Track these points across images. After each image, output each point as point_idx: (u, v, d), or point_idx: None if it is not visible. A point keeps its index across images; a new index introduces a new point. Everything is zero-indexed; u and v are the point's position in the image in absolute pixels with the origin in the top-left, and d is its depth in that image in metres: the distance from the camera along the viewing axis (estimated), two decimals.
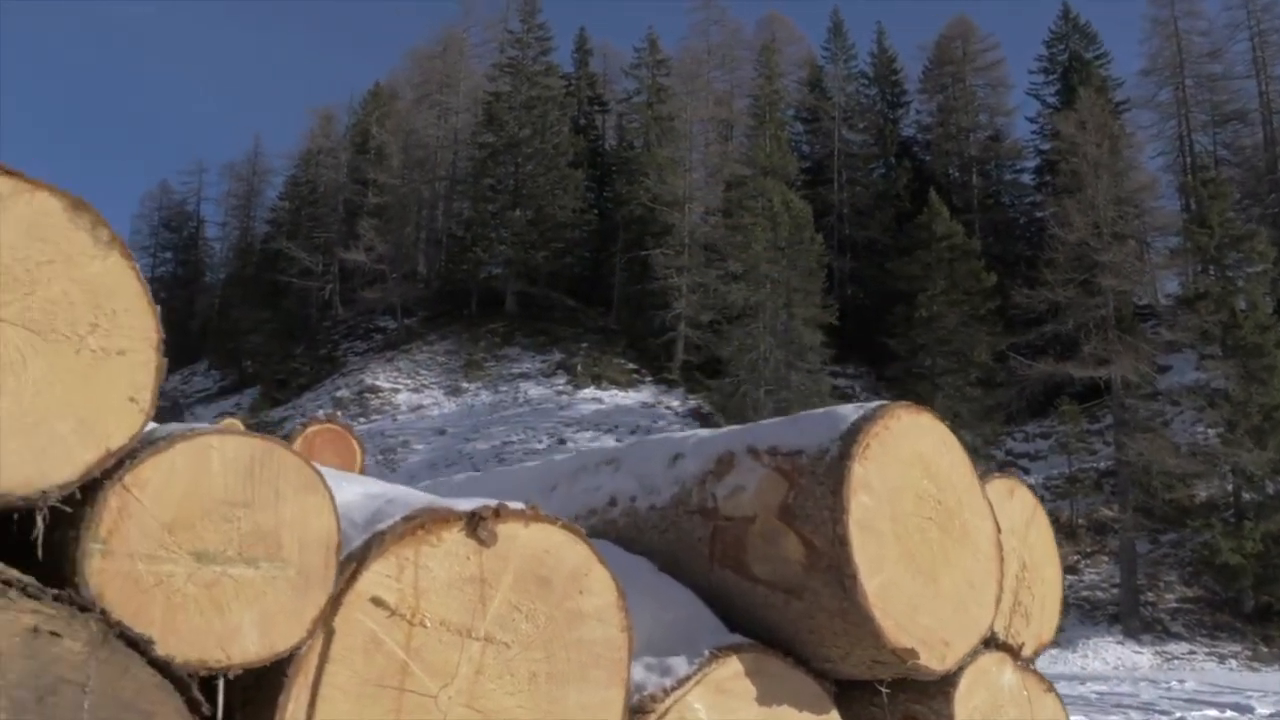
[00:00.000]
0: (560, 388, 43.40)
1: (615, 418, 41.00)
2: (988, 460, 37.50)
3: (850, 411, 1.97)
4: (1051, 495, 35.69)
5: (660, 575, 2.04)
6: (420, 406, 43.70)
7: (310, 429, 9.87)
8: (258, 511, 1.37)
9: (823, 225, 44.89)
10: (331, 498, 1.44)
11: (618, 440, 39.19)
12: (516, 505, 1.60)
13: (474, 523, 1.54)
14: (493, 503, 1.58)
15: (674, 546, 2.12)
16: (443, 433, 41.34)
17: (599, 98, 61.84)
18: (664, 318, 43.51)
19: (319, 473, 1.46)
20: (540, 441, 39.41)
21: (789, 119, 55.81)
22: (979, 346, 37.74)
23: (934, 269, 39.29)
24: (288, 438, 10.09)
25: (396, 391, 44.89)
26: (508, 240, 48.38)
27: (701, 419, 40.88)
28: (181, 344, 62.12)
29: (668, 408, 41.93)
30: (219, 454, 1.37)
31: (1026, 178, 54.28)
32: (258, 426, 35.83)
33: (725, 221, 43.78)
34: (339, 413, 43.65)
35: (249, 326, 53.99)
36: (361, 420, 43.03)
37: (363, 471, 10.19)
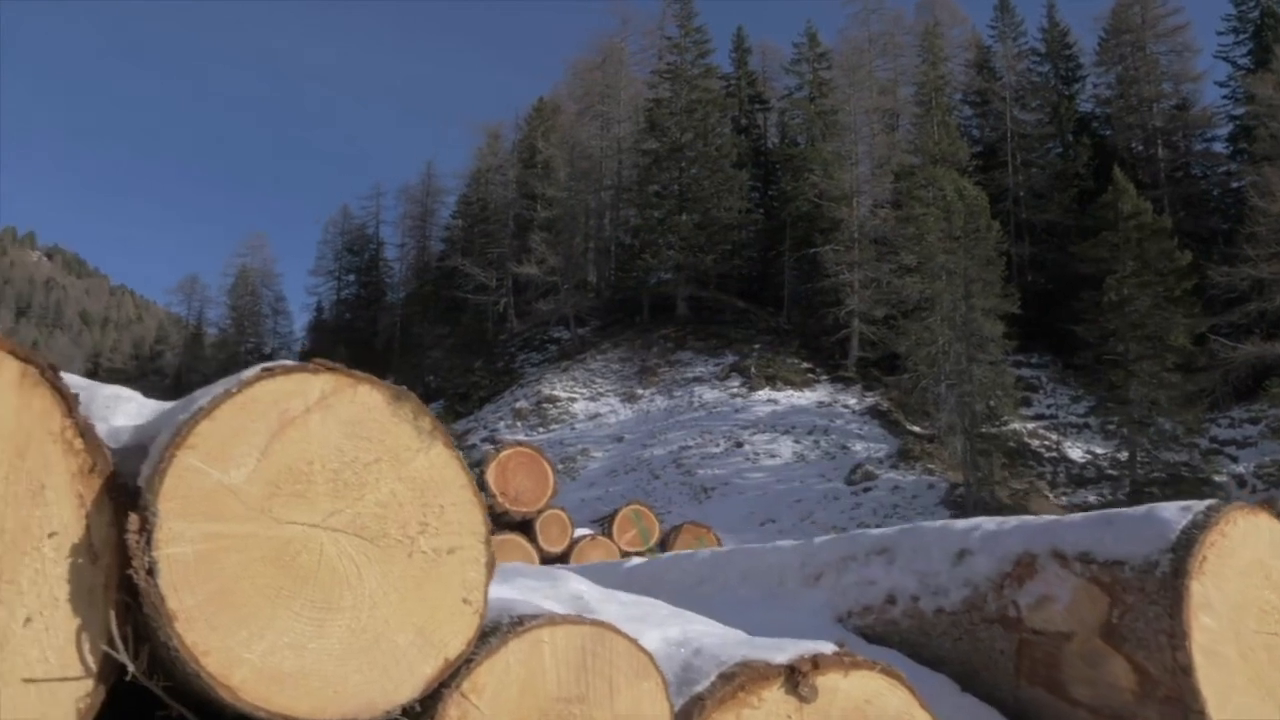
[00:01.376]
0: (735, 390, 43.20)
1: (791, 418, 40.55)
2: (1191, 449, 35.37)
3: (1175, 515, 1.77)
4: (1264, 484, 33.46)
5: (964, 697, 1.89)
6: (597, 414, 44.20)
7: (503, 453, 10.04)
8: (593, 707, 1.28)
9: (998, 211, 43.27)
10: (664, 681, 1.35)
11: (796, 441, 38.73)
12: (831, 650, 1.49)
13: (793, 678, 1.43)
14: (809, 651, 1.46)
15: (969, 657, 1.96)
16: (620, 440, 41.71)
17: (759, 96, 61.41)
18: (837, 315, 42.83)
19: (649, 655, 1.36)
20: (717, 445, 39.34)
21: (956, 103, 54.17)
22: (1176, 329, 35.60)
23: (1122, 250, 37.32)
24: (481, 462, 10.28)
25: (573, 400, 45.55)
26: (676, 245, 48.49)
27: (879, 416, 40.06)
28: (367, 362, 64.67)
29: (845, 406, 41.22)
30: (550, 647, 1.29)
31: (1219, 146, 50.98)
32: None
33: (896, 214, 42.78)
34: (519, 423, 44.78)
35: (430, 342, 55.94)
36: (540, 430, 43.90)
37: (555, 493, 10.29)
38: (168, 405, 1.44)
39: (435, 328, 56.15)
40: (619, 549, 10.21)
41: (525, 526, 9.76)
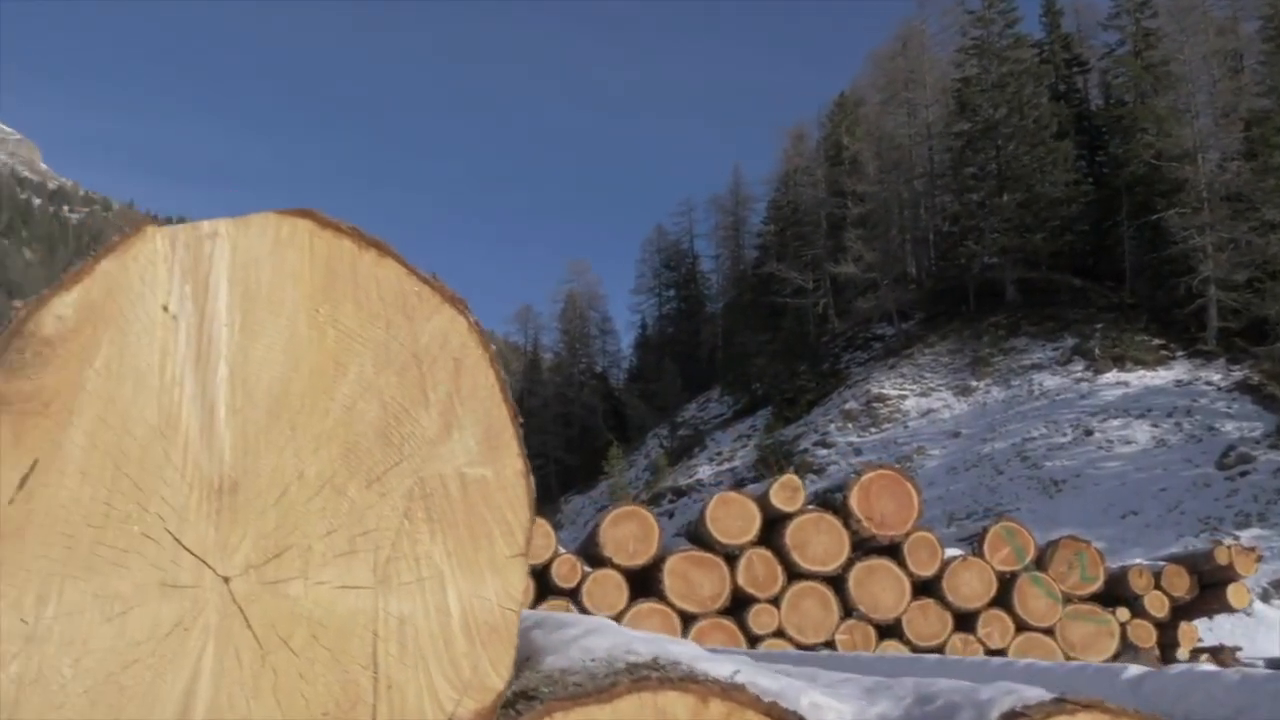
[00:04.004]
0: (1078, 375, 40.75)
1: (1146, 400, 37.70)
2: None
3: None
4: None
5: None
6: (930, 410, 43.07)
7: (865, 476, 9.96)
8: None
9: None
10: None
11: (1153, 425, 35.95)
12: None
13: None
14: None
15: None
16: (957, 435, 40.44)
17: (1077, 59, 57.58)
18: (1189, 284, 39.35)
19: None
20: (1064, 434, 37.27)
21: None
22: None
23: None
24: (843, 487, 10.25)
25: (904, 398, 44.62)
26: (999, 228, 46.43)
27: (1251, 391, 36.42)
28: (693, 374, 66.60)
29: (1208, 383, 37.79)
30: None
31: None
32: (772, 446, 37.29)
33: (1250, 165, 38.87)
34: (849, 425, 44.37)
35: (753, 350, 56.57)
36: (872, 430, 43.31)
37: (920, 514, 10.09)
38: None
39: (757, 335, 56.74)
40: (992, 570, 9.88)
41: (893, 550, 9.66)
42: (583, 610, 8.57)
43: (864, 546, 9.52)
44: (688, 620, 8.99)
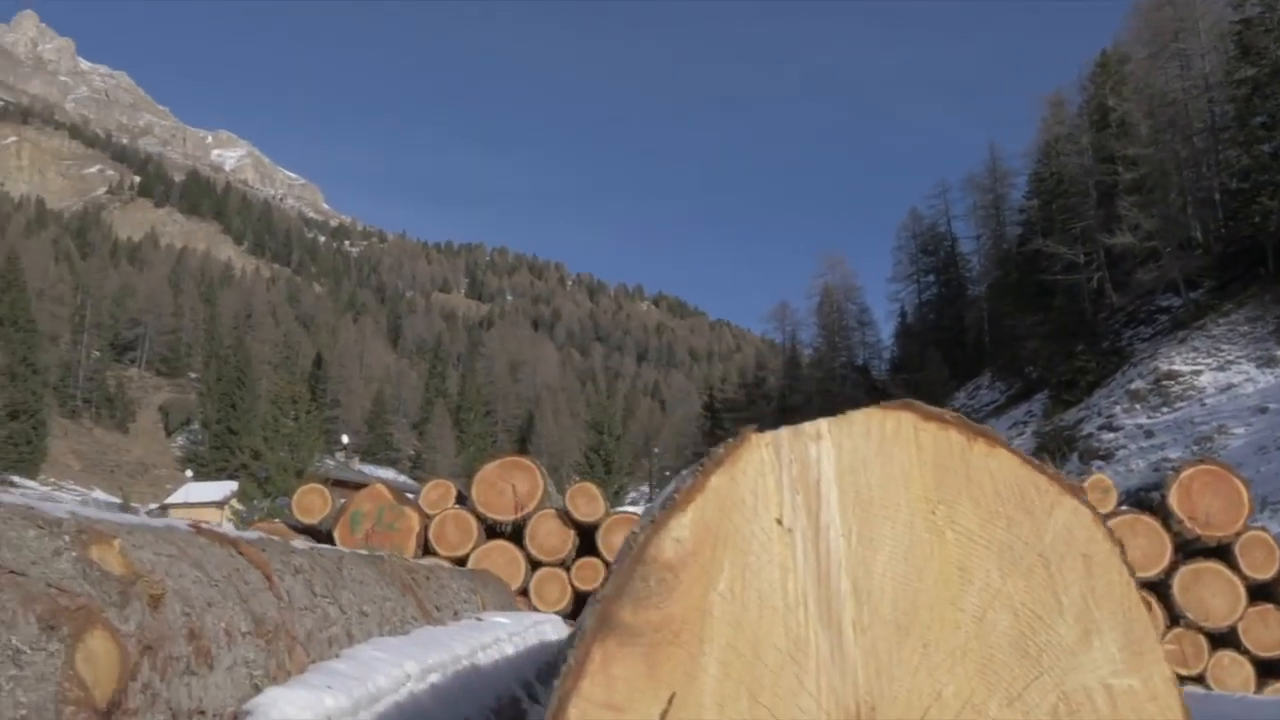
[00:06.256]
0: None
1: None
2: None
3: None
4: None
5: None
6: (1230, 385, 39.90)
7: (1185, 473, 9.26)
8: None
9: None
10: None
11: None
12: None
13: None
14: None
15: None
16: (1264, 410, 37.21)
17: None
18: None
19: None
20: None
21: None
22: None
23: None
24: (1160, 486, 9.54)
25: (1198, 373, 41.58)
26: None
27: None
28: (960, 360, 64.35)
29: None
30: None
31: None
32: (1052, 433, 35.50)
33: None
34: (1136, 406, 41.66)
35: (1023, 332, 54.26)
36: (1164, 410, 40.71)
37: (1251, 511, 9.22)
38: None
39: (1026, 316, 54.27)
40: None
41: (1220, 552, 8.96)
42: None
43: (1187, 549, 8.94)
44: None
